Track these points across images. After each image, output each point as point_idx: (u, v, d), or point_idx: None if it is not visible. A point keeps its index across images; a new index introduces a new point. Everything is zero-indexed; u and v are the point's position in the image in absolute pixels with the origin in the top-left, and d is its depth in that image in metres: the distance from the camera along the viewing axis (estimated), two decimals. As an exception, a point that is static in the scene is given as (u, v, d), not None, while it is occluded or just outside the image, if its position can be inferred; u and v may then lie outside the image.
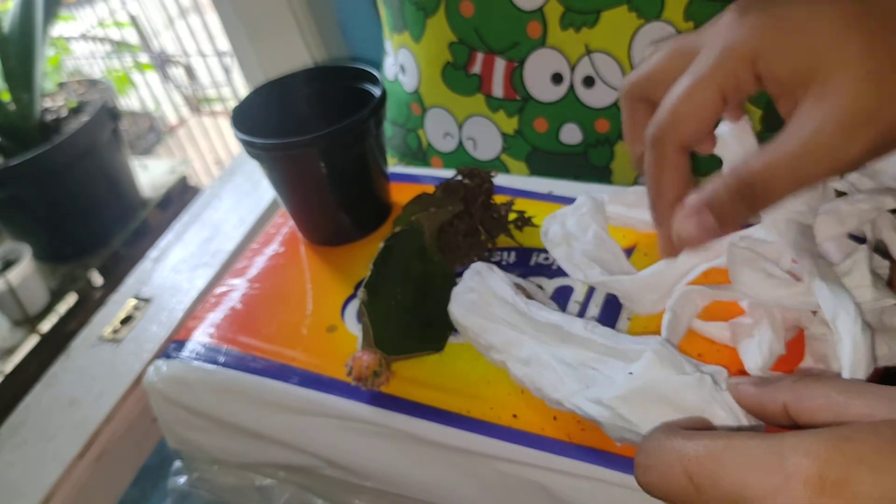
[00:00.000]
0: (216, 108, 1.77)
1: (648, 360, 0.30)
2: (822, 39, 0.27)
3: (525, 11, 0.49)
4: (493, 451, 0.35)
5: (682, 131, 0.30)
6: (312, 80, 0.51)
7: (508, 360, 0.36)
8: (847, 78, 0.26)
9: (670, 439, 0.23)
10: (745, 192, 0.28)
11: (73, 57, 1.66)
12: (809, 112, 0.27)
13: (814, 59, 0.27)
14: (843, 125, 0.26)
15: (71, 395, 0.61)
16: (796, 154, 0.27)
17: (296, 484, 0.44)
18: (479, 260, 0.45)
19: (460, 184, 0.46)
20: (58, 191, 1.03)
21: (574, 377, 0.33)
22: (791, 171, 0.27)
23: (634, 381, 0.30)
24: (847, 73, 0.26)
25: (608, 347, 0.33)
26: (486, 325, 0.37)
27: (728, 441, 0.22)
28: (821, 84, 0.27)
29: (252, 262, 0.50)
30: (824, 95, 0.27)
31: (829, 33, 0.27)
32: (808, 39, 0.27)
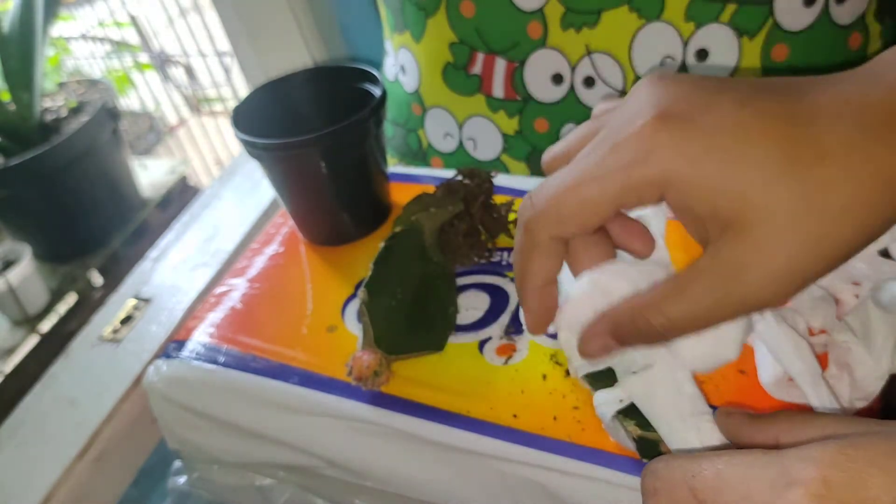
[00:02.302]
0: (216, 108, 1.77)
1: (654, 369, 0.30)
2: (752, 179, 0.24)
3: (525, 12, 0.49)
4: (493, 451, 0.35)
5: (560, 226, 0.28)
6: (312, 80, 0.51)
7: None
8: (776, 229, 0.24)
9: (676, 460, 0.24)
10: (649, 333, 0.27)
11: (73, 57, 1.66)
12: (726, 261, 0.25)
13: (741, 202, 0.24)
14: (767, 277, 0.25)
15: (71, 395, 0.61)
16: (709, 306, 0.26)
17: (296, 484, 0.44)
18: (480, 260, 0.45)
19: (460, 184, 0.46)
20: (58, 191, 1.03)
21: None
22: (697, 322, 0.26)
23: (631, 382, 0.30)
24: (777, 223, 0.24)
25: None
26: None
27: (730, 457, 0.22)
28: (746, 230, 0.24)
29: (252, 262, 0.50)
30: (749, 243, 0.24)
31: (759, 173, 0.24)
32: (736, 178, 0.24)
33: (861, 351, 0.31)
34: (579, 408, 0.35)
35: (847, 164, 0.24)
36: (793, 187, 0.24)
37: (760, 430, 0.25)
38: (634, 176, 0.26)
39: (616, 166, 0.26)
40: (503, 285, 0.43)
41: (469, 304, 0.42)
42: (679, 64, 0.48)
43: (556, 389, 0.36)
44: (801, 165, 0.24)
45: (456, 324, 0.41)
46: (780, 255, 0.24)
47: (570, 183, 0.27)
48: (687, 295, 0.26)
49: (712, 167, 0.25)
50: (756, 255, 0.24)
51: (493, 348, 0.39)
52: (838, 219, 0.24)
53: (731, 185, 0.24)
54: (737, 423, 0.27)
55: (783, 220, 0.24)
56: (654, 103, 0.26)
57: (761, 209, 0.24)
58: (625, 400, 0.31)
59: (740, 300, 0.25)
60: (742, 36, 0.47)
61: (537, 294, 0.30)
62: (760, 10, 0.46)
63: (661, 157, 0.25)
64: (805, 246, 0.24)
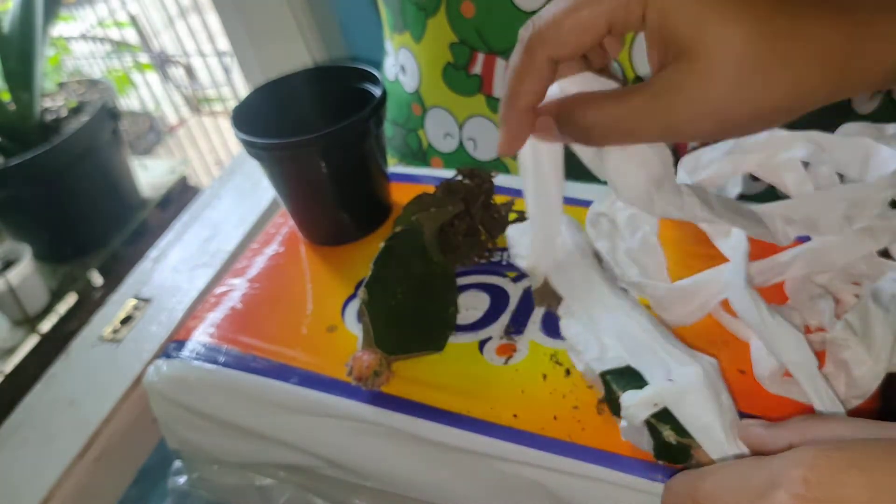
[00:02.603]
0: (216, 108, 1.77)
1: (694, 377, 0.30)
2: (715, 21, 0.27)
3: (526, 12, 0.49)
4: (493, 450, 0.35)
5: (559, 46, 0.30)
6: (313, 80, 0.51)
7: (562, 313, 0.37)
8: (724, 63, 0.27)
9: (685, 476, 0.25)
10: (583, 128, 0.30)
11: (73, 57, 1.66)
12: (667, 83, 0.28)
13: (697, 35, 0.27)
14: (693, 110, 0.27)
15: (71, 395, 0.61)
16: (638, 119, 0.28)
17: (296, 484, 0.44)
18: (480, 260, 0.45)
19: (460, 184, 0.46)
20: (58, 191, 1.03)
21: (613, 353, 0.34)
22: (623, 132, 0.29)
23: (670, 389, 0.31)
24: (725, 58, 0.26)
25: (660, 346, 0.33)
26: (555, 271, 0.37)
27: (727, 467, 0.24)
28: (696, 57, 0.27)
29: (252, 262, 0.50)
30: (694, 70, 0.27)
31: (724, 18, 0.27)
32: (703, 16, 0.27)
33: (859, 349, 0.32)
34: (579, 408, 0.35)
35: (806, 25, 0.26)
36: (750, 32, 0.26)
37: (775, 438, 0.26)
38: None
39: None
40: (503, 285, 0.43)
41: (469, 304, 0.42)
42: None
43: (556, 389, 0.36)
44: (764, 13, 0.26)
45: (456, 324, 0.41)
46: (715, 91, 0.27)
47: (569, 6, 0.29)
48: (624, 102, 0.29)
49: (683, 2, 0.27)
50: (696, 85, 0.27)
51: (494, 348, 0.39)
52: (786, 69, 0.26)
53: (698, 16, 0.27)
54: (754, 434, 0.28)
55: (732, 58, 0.26)
56: None
57: (715, 45, 0.26)
58: (659, 404, 0.31)
59: (668, 122, 0.28)
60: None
61: (522, 115, 0.32)
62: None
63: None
64: (739, 88, 0.27)
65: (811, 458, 0.21)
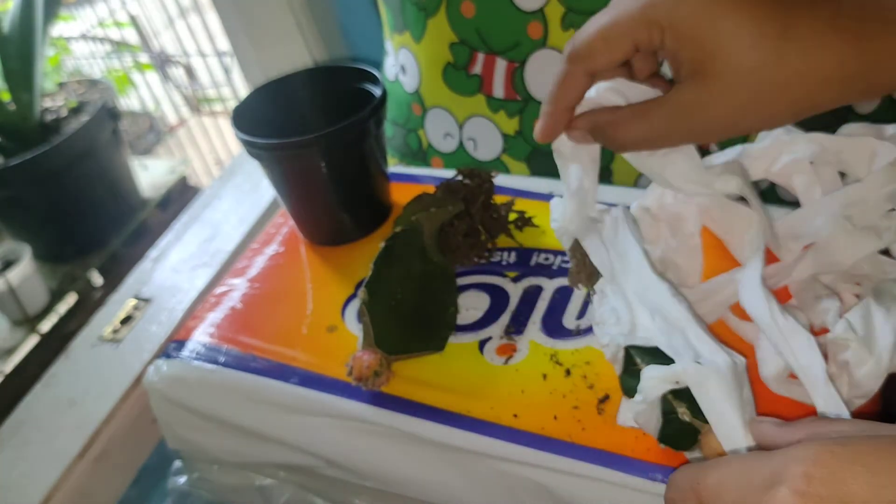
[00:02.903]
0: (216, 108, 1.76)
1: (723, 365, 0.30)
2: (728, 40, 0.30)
3: (526, 12, 0.49)
4: (493, 450, 0.35)
5: (591, 59, 0.34)
6: (313, 80, 0.51)
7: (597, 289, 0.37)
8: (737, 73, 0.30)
9: (687, 469, 0.25)
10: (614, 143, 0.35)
11: (73, 57, 1.65)
12: (686, 97, 0.31)
13: (713, 54, 0.30)
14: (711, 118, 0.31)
15: (71, 395, 0.61)
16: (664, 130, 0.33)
17: (296, 484, 0.44)
18: (480, 260, 0.45)
19: (460, 184, 0.46)
20: (58, 191, 1.03)
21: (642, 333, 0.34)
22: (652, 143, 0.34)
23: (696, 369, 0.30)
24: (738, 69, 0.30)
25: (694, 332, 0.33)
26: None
27: (730, 461, 0.24)
28: (710, 71, 0.30)
29: (252, 262, 0.50)
30: (709, 82, 0.30)
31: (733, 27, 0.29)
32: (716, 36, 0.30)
33: (861, 349, 0.32)
34: (579, 407, 0.35)
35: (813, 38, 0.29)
36: (760, 48, 0.29)
37: (785, 437, 0.26)
38: (646, 16, 0.31)
39: (633, 10, 0.32)
40: (503, 285, 0.43)
41: (469, 304, 0.42)
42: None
43: (557, 389, 0.36)
44: (771, 36, 0.29)
45: (456, 324, 0.41)
46: (732, 101, 0.30)
47: (600, 25, 0.33)
48: (648, 119, 0.33)
49: (702, 20, 0.30)
50: (712, 97, 0.31)
51: (494, 348, 0.39)
52: (794, 79, 0.29)
53: (712, 37, 0.30)
54: (766, 431, 0.28)
55: (744, 72, 0.30)
56: None
57: (728, 61, 0.30)
58: (681, 383, 0.31)
59: (690, 130, 0.32)
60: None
61: (560, 113, 0.36)
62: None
63: (665, 4, 0.31)
64: (756, 97, 0.30)
65: (813, 454, 0.21)
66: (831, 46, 0.29)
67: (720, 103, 0.31)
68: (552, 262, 0.44)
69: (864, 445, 0.20)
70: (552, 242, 0.45)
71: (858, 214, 0.36)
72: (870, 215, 0.36)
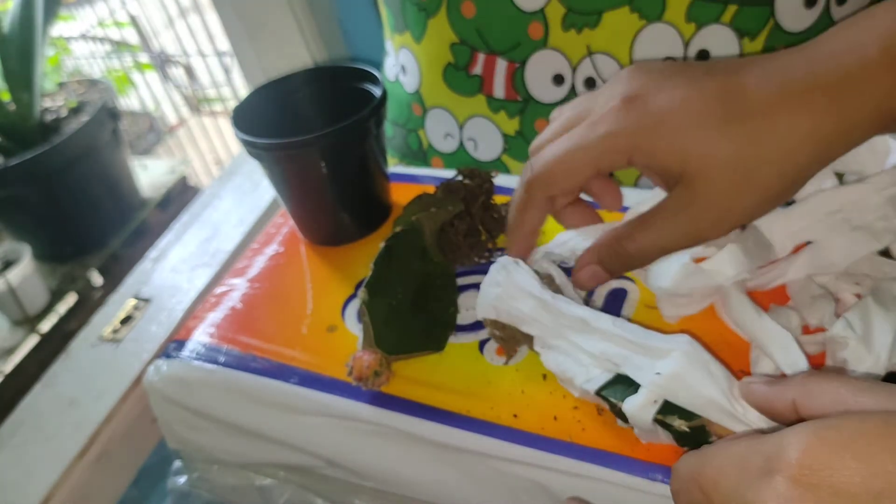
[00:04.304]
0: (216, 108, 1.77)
1: (677, 360, 0.31)
2: (690, 142, 0.31)
3: (526, 12, 0.49)
4: (493, 451, 0.35)
5: (551, 186, 0.36)
6: (313, 80, 0.51)
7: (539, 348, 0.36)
8: (711, 181, 0.31)
9: (688, 459, 0.25)
10: (624, 259, 0.35)
11: (73, 57, 1.66)
12: (678, 204, 0.33)
13: (683, 160, 0.32)
14: (707, 218, 0.32)
15: (71, 395, 0.61)
16: (668, 237, 0.34)
17: (296, 484, 0.44)
18: (480, 260, 0.45)
19: (461, 184, 0.46)
20: (58, 191, 1.03)
21: (600, 370, 0.34)
22: (660, 249, 0.34)
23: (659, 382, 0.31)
24: (711, 176, 0.31)
25: (634, 344, 0.33)
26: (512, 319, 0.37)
27: (725, 448, 0.24)
28: (689, 182, 0.32)
29: (252, 262, 0.50)
30: (692, 192, 0.32)
31: (696, 135, 0.31)
32: (679, 142, 0.31)
33: (860, 348, 0.32)
34: (579, 408, 0.35)
35: (770, 122, 0.30)
36: (724, 146, 0.31)
37: (778, 395, 0.26)
38: (607, 146, 0.33)
39: (593, 140, 0.33)
40: (503, 285, 0.43)
41: (469, 304, 0.42)
42: (679, 64, 0.48)
43: (557, 389, 0.36)
44: (732, 127, 0.31)
45: (456, 324, 0.41)
46: (715, 201, 0.32)
47: (559, 153, 0.35)
48: (653, 228, 0.34)
49: (663, 136, 0.32)
50: (698, 201, 0.32)
51: (494, 348, 0.39)
52: (764, 166, 0.31)
53: (678, 148, 0.32)
54: (758, 392, 0.28)
55: (715, 172, 0.31)
56: (621, 90, 0.34)
57: (698, 165, 0.31)
58: (658, 400, 0.31)
59: (692, 234, 0.33)
60: (743, 37, 0.47)
61: (525, 239, 0.38)
62: (761, 11, 0.46)
63: (627, 132, 0.33)
64: (735, 191, 0.31)
65: (806, 442, 0.21)
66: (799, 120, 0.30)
67: (713, 198, 0.32)
68: (552, 262, 0.44)
69: (854, 429, 0.20)
70: (552, 242, 0.45)
71: (857, 216, 0.36)
72: (868, 216, 0.36)
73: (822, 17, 0.47)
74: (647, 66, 0.35)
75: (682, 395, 0.30)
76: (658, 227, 0.34)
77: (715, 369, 0.30)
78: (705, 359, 0.31)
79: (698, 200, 0.32)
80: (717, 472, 0.23)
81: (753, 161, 0.31)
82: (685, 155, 0.31)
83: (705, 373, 0.30)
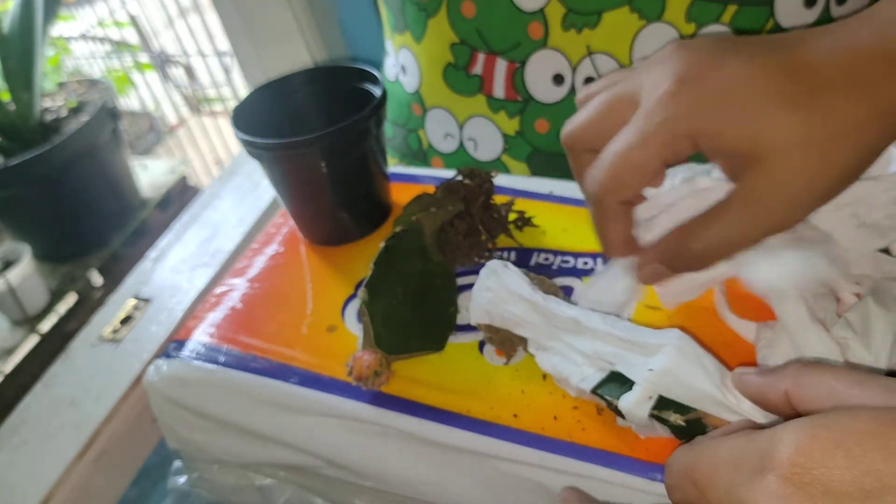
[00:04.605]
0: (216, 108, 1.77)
1: (669, 356, 0.31)
2: (760, 121, 0.29)
3: (526, 12, 0.49)
4: (493, 450, 0.35)
5: (622, 191, 0.33)
6: (313, 80, 0.51)
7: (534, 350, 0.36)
8: (787, 159, 0.28)
9: (681, 453, 0.25)
10: (688, 258, 0.32)
11: (73, 57, 1.66)
12: (749, 190, 0.30)
13: (754, 141, 0.29)
14: (783, 202, 0.29)
15: (71, 395, 0.61)
16: (738, 230, 0.30)
17: (296, 484, 0.44)
18: (480, 260, 0.45)
19: (461, 184, 0.46)
20: (58, 191, 1.03)
21: (594, 368, 0.34)
22: (729, 245, 0.31)
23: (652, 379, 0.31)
24: (786, 155, 0.28)
25: (626, 341, 0.33)
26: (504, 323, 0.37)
27: (719, 443, 0.24)
28: (762, 163, 0.29)
29: (252, 261, 0.50)
30: (766, 174, 0.29)
31: (766, 114, 0.28)
32: (748, 122, 0.29)
33: (859, 347, 0.32)
34: (579, 407, 0.35)
35: (842, 96, 0.28)
36: (797, 124, 0.28)
37: (772, 386, 0.26)
38: (669, 134, 0.30)
39: (653, 130, 0.30)
40: (503, 285, 0.43)
41: (469, 305, 0.42)
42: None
43: (556, 389, 0.36)
44: (802, 101, 0.28)
45: (456, 324, 0.41)
46: (792, 181, 0.29)
47: (621, 153, 0.31)
48: (720, 223, 0.30)
49: (729, 116, 0.29)
50: (772, 185, 0.29)
51: (494, 348, 0.39)
52: (840, 143, 0.28)
53: (745, 128, 0.29)
54: (751, 384, 0.28)
55: (790, 151, 0.28)
56: (672, 70, 0.31)
57: (771, 145, 0.28)
58: (653, 396, 0.31)
59: (764, 224, 0.30)
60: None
61: (623, 248, 0.35)
62: (761, 11, 0.46)
63: (686, 115, 0.30)
64: (812, 170, 0.28)
65: (798, 440, 0.21)
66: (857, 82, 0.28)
67: (789, 179, 0.29)
68: (552, 262, 0.44)
69: (846, 427, 0.20)
70: (552, 242, 0.45)
71: (865, 211, 0.36)
72: (875, 214, 0.36)
73: (822, 17, 0.47)
74: (695, 45, 0.32)
75: (676, 389, 0.30)
76: (727, 220, 0.30)
77: (707, 362, 0.30)
78: (697, 352, 0.31)
79: (773, 183, 0.29)
80: (712, 468, 0.23)
81: (828, 138, 0.28)
82: (755, 135, 0.29)
83: (697, 366, 0.30)
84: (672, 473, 0.25)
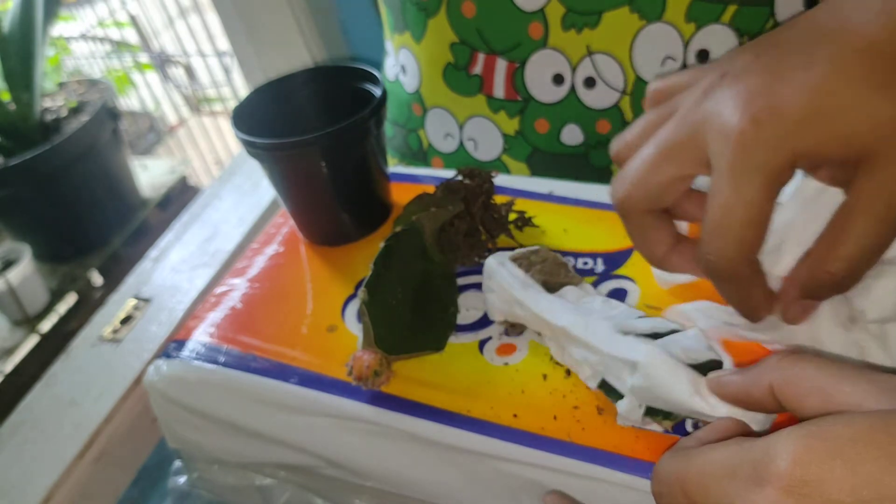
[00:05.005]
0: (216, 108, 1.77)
1: (642, 375, 0.31)
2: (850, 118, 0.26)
3: (526, 12, 0.49)
4: (493, 450, 0.35)
5: (654, 203, 0.31)
6: (313, 80, 0.51)
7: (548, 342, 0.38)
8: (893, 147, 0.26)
9: (670, 462, 0.24)
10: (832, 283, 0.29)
11: (73, 57, 1.66)
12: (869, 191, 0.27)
13: (855, 142, 0.26)
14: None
15: (71, 395, 0.61)
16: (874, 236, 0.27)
17: (296, 484, 0.44)
18: (480, 260, 0.45)
19: (461, 184, 0.46)
20: (58, 191, 1.03)
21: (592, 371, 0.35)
22: (871, 254, 0.28)
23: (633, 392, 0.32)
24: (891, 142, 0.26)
25: (606, 355, 0.34)
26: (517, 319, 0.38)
27: (709, 452, 0.23)
28: (870, 161, 0.26)
29: (252, 261, 0.50)
30: (879, 170, 0.26)
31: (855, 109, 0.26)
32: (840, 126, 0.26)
33: (877, 350, 0.32)
34: (579, 407, 0.35)
35: None
36: (888, 105, 0.26)
37: (754, 382, 0.26)
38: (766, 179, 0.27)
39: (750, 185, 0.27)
40: (503, 285, 0.43)
41: (469, 304, 0.42)
42: (679, 65, 0.48)
43: (557, 389, 0.36)
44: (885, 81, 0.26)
45: (456, 324, 0.41)
46: None
47: (652, 162, 0.30)
48: (851, 237, 0.27)
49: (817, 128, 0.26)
50: (888, 179, 0.26)
51: (494, 348, 0.39)
52: None
53: (839, 133, 0.26)
54: (731, 384, 0.28)
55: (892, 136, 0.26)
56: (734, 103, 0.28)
57: (877, 137, 0.26)
58: (642, 405, 0.32)
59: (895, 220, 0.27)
60: (743, 37, 0.47)
61: (670, 259, 0.33)
62: (761, 11, 0.46)
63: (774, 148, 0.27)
64: None
65: (793, 450, 0.21)
66: None
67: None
68: (552, 262, 0.44)
69: (842, 436, 0.20)
70: (552, 242, 0.45)
71: None
72: None
73: (822, 17, 0.47)
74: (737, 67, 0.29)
75: (655, 402, 0.31)
76: (856, 232, 0.27)
77: (680, 374, 0.30)
78: (667, 366, 0.31)
79: (889, 177, 0.26)
80: (703, 477, 0.23)
81: None
82: (851, 136, 0.26)
83: (670, 380, 0.30)
84: (660, 481, 0.25)
